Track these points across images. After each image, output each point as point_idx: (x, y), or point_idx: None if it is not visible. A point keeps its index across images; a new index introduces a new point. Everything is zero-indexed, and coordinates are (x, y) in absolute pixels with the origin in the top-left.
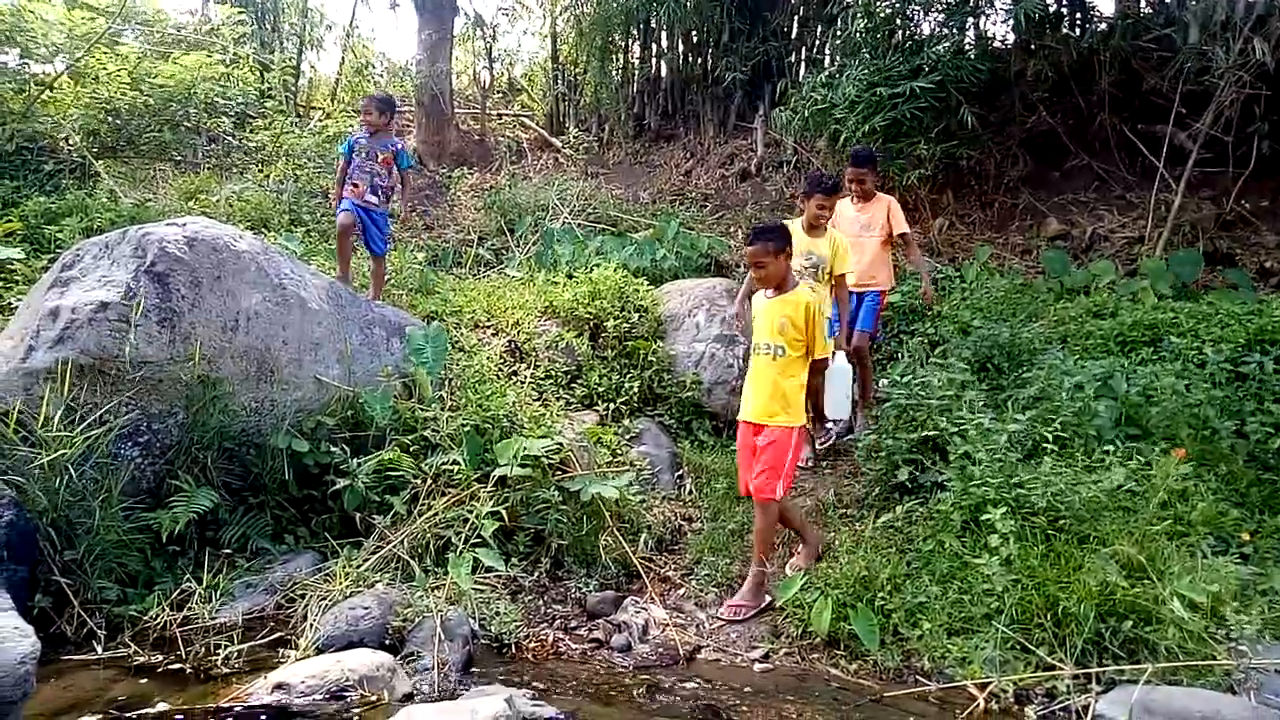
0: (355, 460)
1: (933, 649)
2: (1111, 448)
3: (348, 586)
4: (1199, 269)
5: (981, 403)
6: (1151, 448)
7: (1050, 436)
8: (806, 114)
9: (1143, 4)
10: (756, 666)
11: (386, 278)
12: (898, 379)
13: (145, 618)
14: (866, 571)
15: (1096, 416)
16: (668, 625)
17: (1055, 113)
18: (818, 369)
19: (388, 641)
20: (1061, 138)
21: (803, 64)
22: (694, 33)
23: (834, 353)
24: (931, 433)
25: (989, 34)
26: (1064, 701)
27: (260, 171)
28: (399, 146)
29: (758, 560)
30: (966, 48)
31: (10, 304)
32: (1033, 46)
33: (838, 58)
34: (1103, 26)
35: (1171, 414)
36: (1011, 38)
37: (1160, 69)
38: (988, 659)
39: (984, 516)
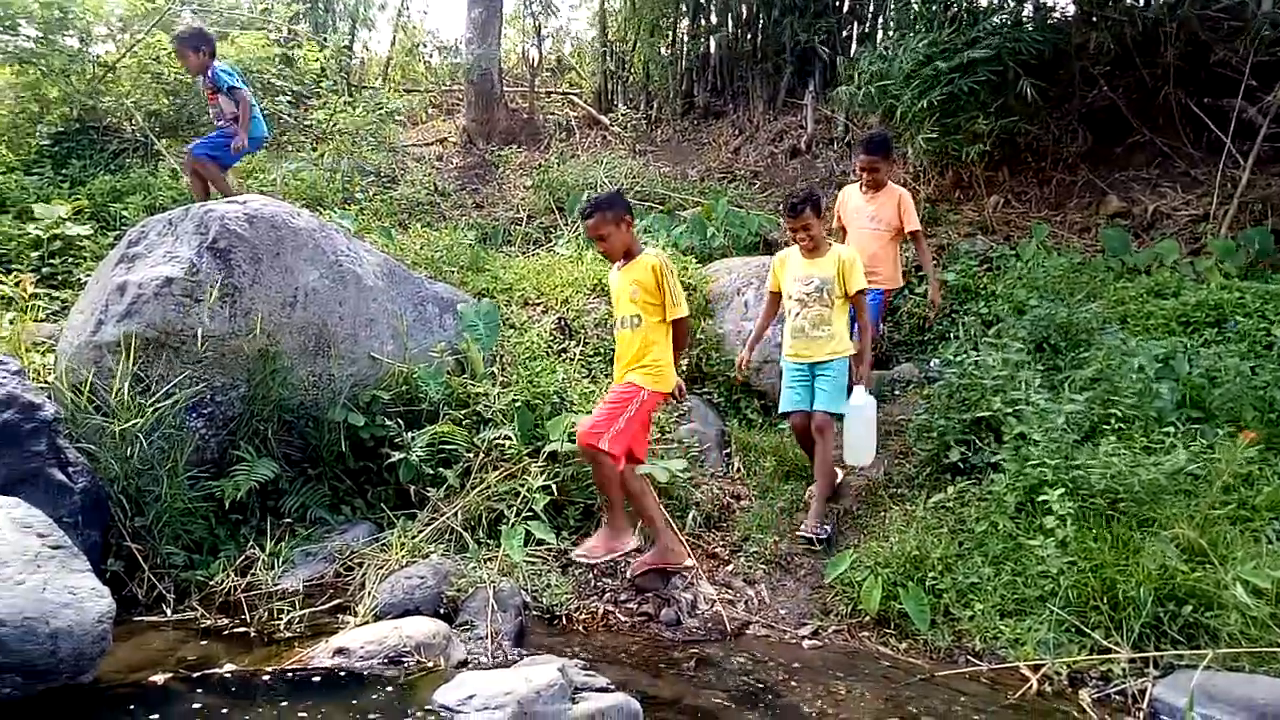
0: (409, 434)
1: (985, 630)
2: (1172, 429)
3: (403, 556)
4: (1269, 248)
5: (1038, 383)
6: (1214, 430)
7: (1109, 417)
8: (872, 90)
9: None
10: (805, 643)
11: (436, 254)
12: (950, 358)
13: (211, 583)
14: (917, 551)
15: (1157, 398)
16: (716, 601)
17: (1117, 87)
18: (680, 331)
19: (442, 610)
20: (1123, 112)
21: (854, 40)
22: (744, 9)
23: (850, 387)
24: (985, 413)
25: (1048, 4)
26: (1119, 685)
27: (314, 150)
28: (213, 71)
29: (608, 505)
30: (1025, 20)
31: (80, 279)
32: (1094, 18)
33: (892, 31)
34: None
35: (1235, 396)
36: (1072, 9)
37: (1231, 40)
38: (1041, 641)
39: (1040, 498)
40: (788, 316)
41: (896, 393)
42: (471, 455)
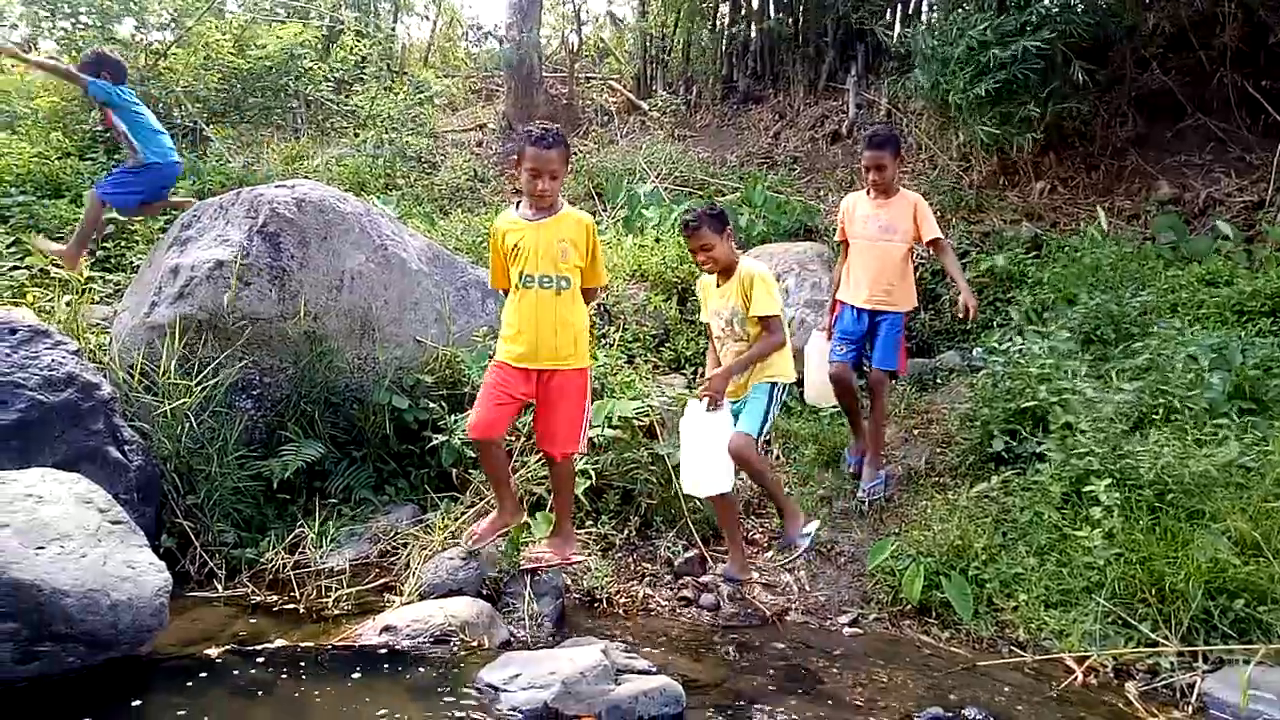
0: (452, 417)
1: (1028, 620)
2: (1224, 421)
3: (446, 538)
4: None
5: (1085, 371)
6: (1269, 423)
7: (1159, 408)
8: (938, 78)
9: None
10: (845, 630)
11: (477, 239)
12: (995, 347)
13: (261, 560)
14: (960, 540)
15: (1209, 388)
16: (755, 586)
17: (1170, 69)
18: (590, 298)
19: (484, 592)
20: (1175, 96)
21: (898, 22)
22: None
23: (701, 400)
24: (1031, 403)
25: None
26: (1167, 679)
27: (357, 136)
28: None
29: (561, 514)
30: (1075, 3)
31: (132, 263)
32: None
33: (936, 14)
34: None
35: None
36: None
37: None
38: (1087, 632)
39: (1086, 488)
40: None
41: (939, 381)
42: (512, 439)
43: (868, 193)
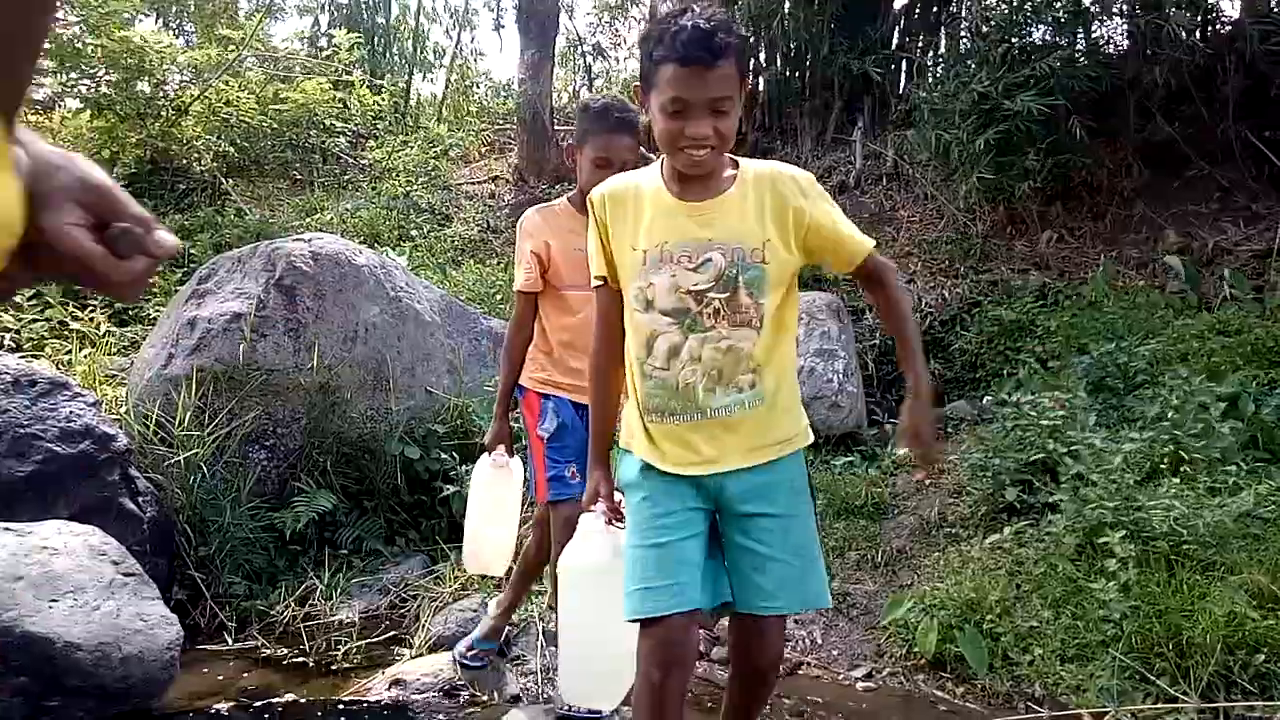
0: (464, 467)
1: (1044, 675)
2: (1236, 470)
3: (456, 590)
4: None
5: (1093, 421)
6: None
7: (1169, 458)
8: (941, 135)
9: (1273, 2)
10: (859, 685)
11: (490, 289)
12: (1005, 398)
13: (271, 612)
14: (974, 593)
15: (1221, 438)
16: None
17: (1173, 120)
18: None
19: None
20: (1180, 146)
21: (903, 76)
22: (793, 47)
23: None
24: (1040, 454)
25: (1103, 39)
26: None
27: (372, 189)
28: None
29: None
30: (1078, 56)
31: (149, 315)
32: (1149, 53)
33: (942, 68)
34: (1228, 28)
35: None
36: (1126, 44)
37: None
38: (1104, 687)
39: (1101, 540)
40: (636, 351)
41: (950, 430)
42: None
43: None
